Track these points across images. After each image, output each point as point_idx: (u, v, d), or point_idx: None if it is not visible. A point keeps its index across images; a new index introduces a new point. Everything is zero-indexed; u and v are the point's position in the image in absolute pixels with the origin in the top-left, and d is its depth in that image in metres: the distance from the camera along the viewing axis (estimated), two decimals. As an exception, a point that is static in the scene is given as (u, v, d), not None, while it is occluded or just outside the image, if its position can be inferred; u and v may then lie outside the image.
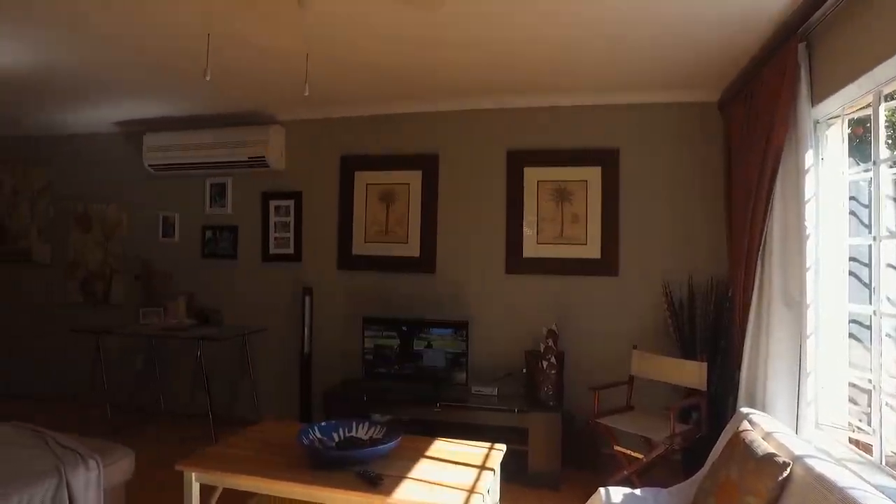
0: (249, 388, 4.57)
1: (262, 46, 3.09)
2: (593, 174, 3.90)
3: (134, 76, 3.68)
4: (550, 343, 3.56)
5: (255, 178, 4.61)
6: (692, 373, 3.11)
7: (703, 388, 3.05)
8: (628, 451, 3.13)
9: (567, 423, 3.62)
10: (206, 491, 2.44)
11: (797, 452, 1.87)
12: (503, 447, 2.67)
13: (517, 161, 4.02)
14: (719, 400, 3.30)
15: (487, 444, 2.70)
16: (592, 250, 3.88)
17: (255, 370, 4.56)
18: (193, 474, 2.39)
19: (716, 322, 3.46)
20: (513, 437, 3.56)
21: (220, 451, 2.54)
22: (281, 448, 2.57)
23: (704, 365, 3.06)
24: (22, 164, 5.42)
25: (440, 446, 2.66)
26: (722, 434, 2.40)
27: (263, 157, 4.27)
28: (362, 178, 4.31)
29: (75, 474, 2.33)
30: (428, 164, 4.18)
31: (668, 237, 3.79)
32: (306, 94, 2.61)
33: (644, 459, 3.03)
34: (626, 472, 3.09)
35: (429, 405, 3.54)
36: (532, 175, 4.00)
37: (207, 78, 2.13)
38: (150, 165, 4.65)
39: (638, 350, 3.48)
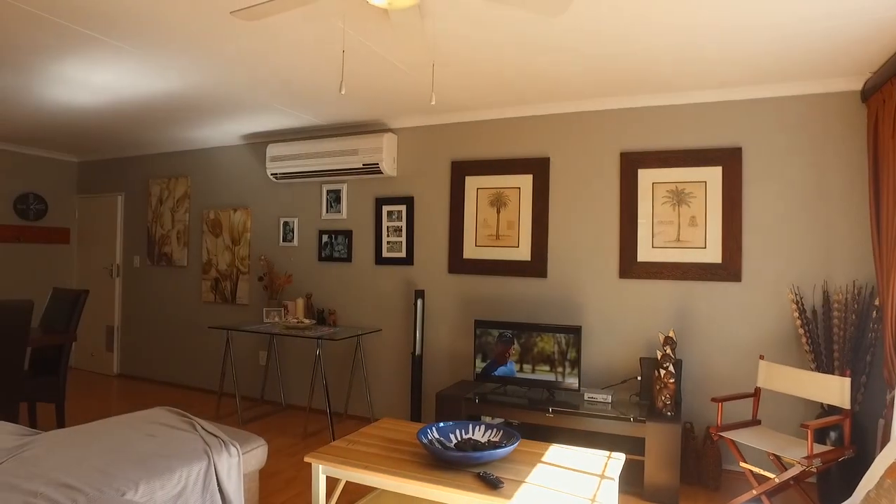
0: (362, 386, 4.77)
1: (386, 58, 3.23)
2: (712, 174, 3.70)
3: (264, 94, 3.96)
4: (668, 350, 3.42)
5: (369, 184, 4.80)
6: (833, 389, 2.86)
7: (846, 406, 2.79)
8: (758, 470, 2.93)
9: (685, 435, 3.46)
10: (329, 483, 2.58)
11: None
12: (622, 456, 2.60)
13: (631, 163, 3.90)
14: (863, 420, 3.01)
15: (605, 453, 2.64)
16: (712, 254, 3.68)
17: (368, 369, 4.75)
18: (321, 466, 2.53)
19: (858, 333, 3.16)
20: (627, 446, 3.47)
21: (344, 446, 2.66)
22: (401, 446, 2.66)
23: (848, 381, 2.80)
24: (167, 177, 6.01)
25: (556, 452, 2.64)
26: (876, 460, 2.19)
27: (377, 163, 4.45)
28: (473, 183, 4.37)
29: (220, 458, 2.54)
30: (539, 168, 4.16)
31: (798, 240, 3.51)
32: (433, 102, 2.70)
33: (776, 480, 2.82)
34: (754, 493, 2.90)
35: (540, 410, 3.52)
36: (647, 177, 3.87)
37: (342, 92, 2.25)
38: (272, 174, 4.99)
39: (766, 361, 3.25)
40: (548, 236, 4.13)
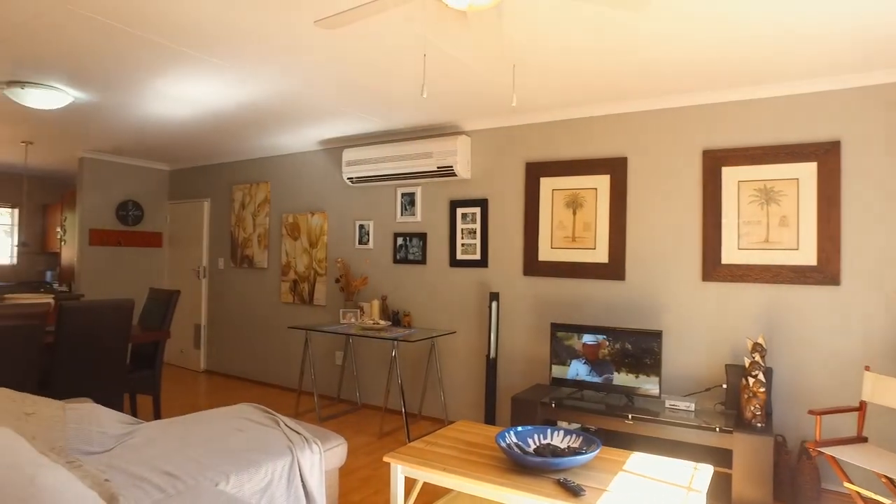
0: (436, 387, 4.80)
1: (462, 61, 3.24)
2: (806, 170, 3.47)
3: (343, 100, 4.07)
4: (757, 358, 3.24)
5: (443, 187, 4.84)
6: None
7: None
8: (868, 493, 2.72)
9: (777, 449, 3.27)
10: (407, 483, 2.61)
11: None
12: (709, 468, 2.48)
13: (714, 161, 3.73)
14: None
15: (691, 464, 2.53)
16: (806, 256, 3.45)
17: (442, 371, 4.78)
18: (399, 466, 2.56)
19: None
20: (712, 458, 3.31)
21: (422, 447, 2.68)
22: (478, 449, 2.65)
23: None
24: (249, 182, 6.31)
25: (638, 460, 2.55)
26: None
27: (451, 166, 4.47)
28: (548, 184, 4.31)
29: (303, 455, 2.63)
30: (616, 168, 4.05)
31: (908, 241, 3.23)
32: (514, 104, 2.70)
33: None
34: (859, 513, 2.69)
35: (619, 416, 3.42)
36: (732, 175, 3.68)
37: (424, 95, 2.28)
38: (347, 178, 5.12)
39: (872, 372, 3.01)
40: (626, 238, 4.02)
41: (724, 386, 3.48)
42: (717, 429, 3.14)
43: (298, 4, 2.56)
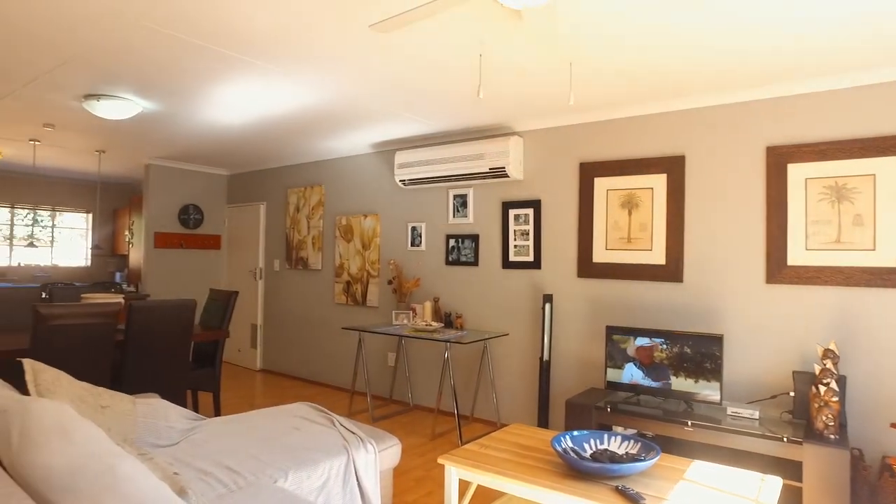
0: (489, 389, 4.78)
1: (515, 61, 3.23)
2: (884, 167, 3.27)
3: (396, 103, 4.11)
4: (828, 365, 3.07)
5: (495, 188, 4.82)
6: None
7: None
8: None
9: (853, 464, 3.08)
10: (461, 485, 2.60)
11: None
12: (778, 481, 2.36)
13: (779, 157, 3.57)
14: None
15: (757, 475, 2.42)
16: (885, 257, 3.25)
17: (495, 373, 4.76)
18: (454, 469, 2.55)
19: None
20: (779, 469, 3.16)
21: (477, 449, 2.67)
22: (533, 453, 2.62)
23: None
24: (303, 186, 6.46)
25: (700, 469, 2.46)
26: None
27: (503, 167, 4.45)
28: (602, 184, 4.22)
29: (358, 455, 2.66)
30: (673, 167, 3.93)
31: None
32: (571, 102, 2.66)
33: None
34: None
35: (677, 422, 3.31)
36: (798, 172, 3.51)
37: (481, 96, 2.28)
38: (400, 181, 5.16)
39: (957, 381, 2.81)
40: (683, 238, 3.89)
41: (792, 394, 3.32)
42: (785, 439, 3.00)
43: (354, 9, 2.59)
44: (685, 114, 3.91)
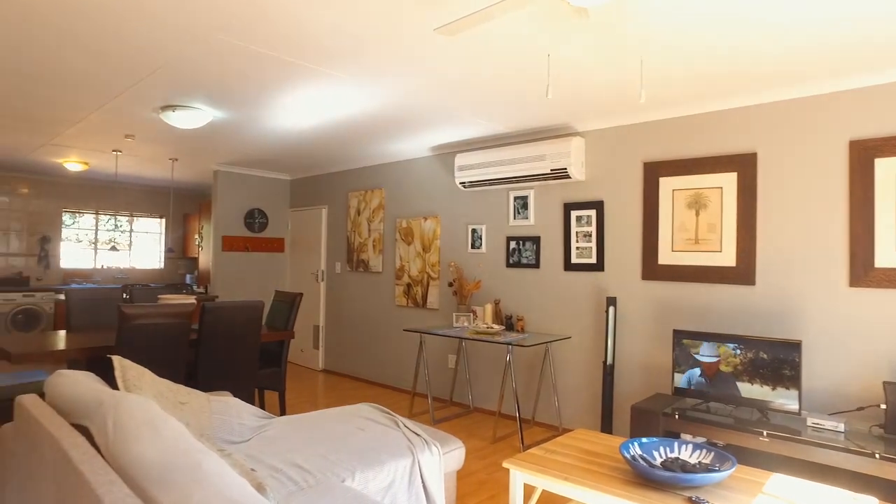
0: (550, 393, 4.71)
1: (578, 60, 3.18)
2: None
3: (458, 105, 4.12)
4: (922, 375, 2.86)
5: (557, 190, 4.75)
6: None
7: None
8: None
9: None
10: (526, 490, 2.57)
11: None
12: (873, 501, 2.21)
13: (863, 151, 3.35)
14: None
15: (847, 493, 2.27)
16: (983, 259, 3.01)
17: (556, 376, 4.69)
18: (519, 473, 2.53)
19: None
20: (868, 487, 2.96)
21: (541, 454, 2.64)
22: (599, 459, 2.56)
23: None
24: (364, 189, 6.58)
25: (780, 483, 2.34)
26: None
27: (565, 168, 4.38)
28: (668, 184, 4.09)
29: (423, 457, 2.67)
30: (744, 165, 3.77)
31: None
32: (642, 101, 2.60)
33: None
34: None
35: (751, 432, 3.16)
36: (886, 168, 3.29)
37: (549, 97, 2.25)
38: (460, 183, 5.17)
39: None
40: (756, 239, 3.72)
41: (883, 406, 3.11)
42: (877, 455, 2.81)
43: (419, 14, 2.62)
44: (758, 109, 3.74)
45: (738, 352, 3.44)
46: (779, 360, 3.30)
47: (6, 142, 5.72)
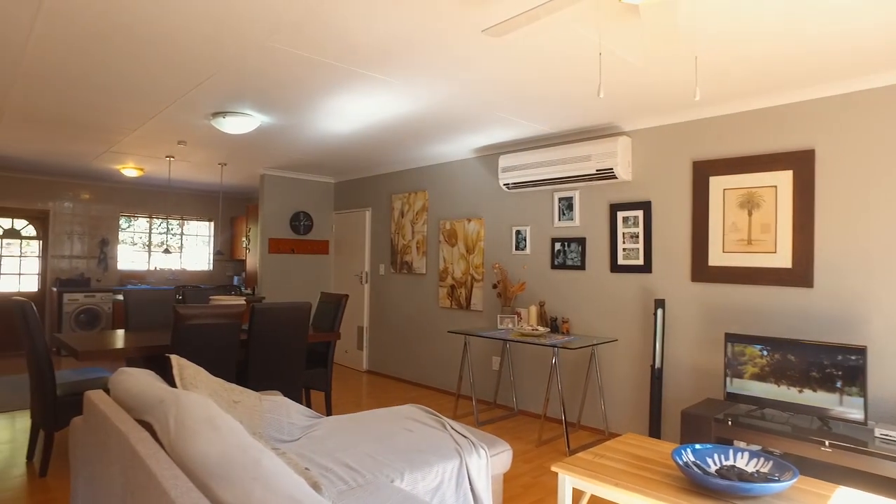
0: (596, 397, 4.64)
1: (626, 59, 3.12)
2: None
3: (503, 106, 4.10)
4: None
5: (602, 190, 4.68)
6: None
7: None
8: None
9: None
10: (574, 495, 2.53)
11: None
12: (945, 514, 2.09)
13: (933, 148, 3.18)
14: None
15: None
16: None
17: (603, 380, 4.61)
18: (567, 477, 2.50)
19: None
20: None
21: (590, 458, 2.59)
22: (650, 465, 2.51)
23: None
24: (407, 191, 6.63)
25: (847, 496, 2.23)
26: None
27: (611, 168, 4.31)
28: (718, 183, 3.97)
29: (471, 459, 2.67)
30: (800, 162, 3.62)
31: None
32: (697, 98, 2.54)
33: None
34: None
35: (812, 441, 3.03)
36: (958, 164, 3.11)
37: (601, 96, 2.22)
38: (503, 184, 5.15)
39: None
40: (813, 240, 3.57)
41: (952, 414, 2.94)
42: (946, 464, 2.66)
43: (467, 16, 2.62)
44: (815, 104, 3.60)
45: (796, 357, 3.30)
46: (841, 367, 3.15)
47: (72, 150, 6.01)
